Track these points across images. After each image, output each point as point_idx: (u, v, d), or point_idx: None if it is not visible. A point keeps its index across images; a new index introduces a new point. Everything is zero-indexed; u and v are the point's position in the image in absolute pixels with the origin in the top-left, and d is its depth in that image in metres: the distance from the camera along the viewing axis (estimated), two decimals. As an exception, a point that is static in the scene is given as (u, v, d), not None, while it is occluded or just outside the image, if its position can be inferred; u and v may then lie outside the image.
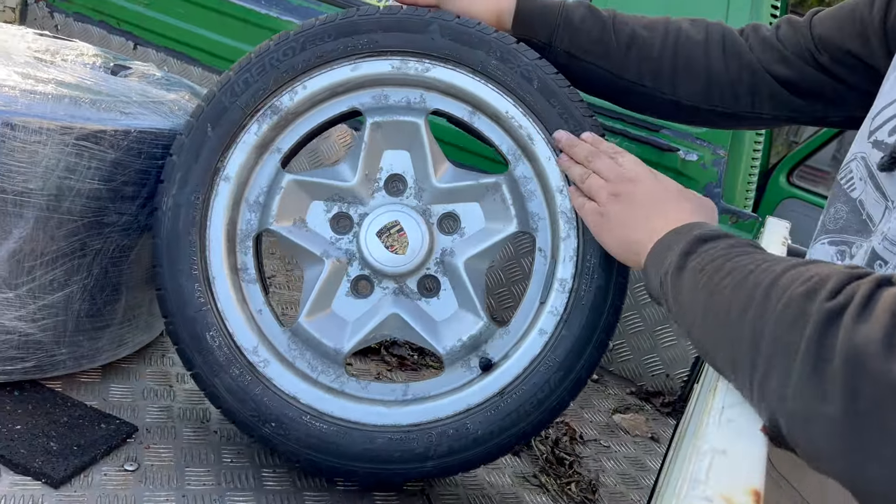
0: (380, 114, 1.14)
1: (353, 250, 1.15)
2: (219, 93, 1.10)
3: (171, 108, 1.27)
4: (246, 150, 1.12)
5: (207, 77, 2.01)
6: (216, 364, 1.09)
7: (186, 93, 1.36)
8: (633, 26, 1.10)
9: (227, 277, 1.11)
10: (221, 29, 1.99)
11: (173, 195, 1.09)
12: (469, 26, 1.10)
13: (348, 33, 1.11)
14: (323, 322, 1.14)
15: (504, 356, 1.14)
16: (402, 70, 1.12)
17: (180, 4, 2.04)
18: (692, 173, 1.74)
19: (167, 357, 1.41)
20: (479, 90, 1.12)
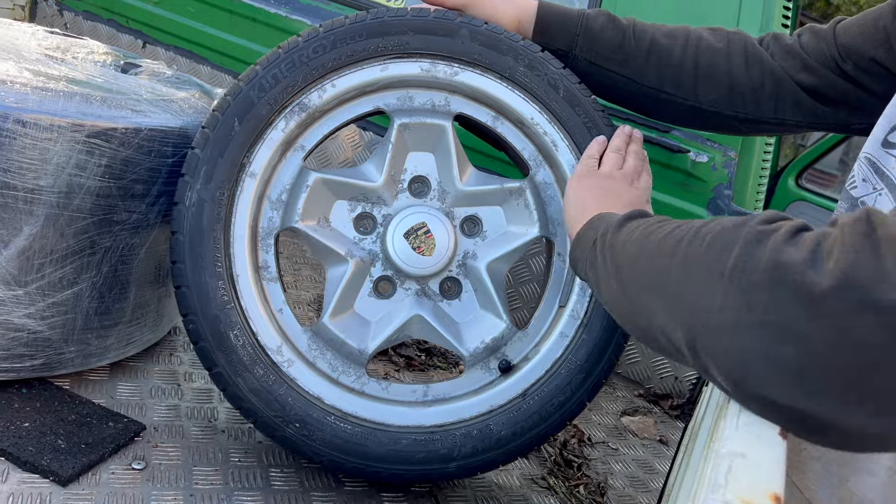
0: (407, 115, 1.14)
1: (376, 250, 1.15)
2: (246, 87, 1.08)
3: (182, 106, 1.24)
4: (272, 146, 1.10)
5: (216, 76, 1.97)
6: (240, 364, 1.07)
7: (196, 91, 1.34)
8: (653, 34, 1.12)
9: (251, 276, 1.10)
10: (230, 28, 1.96)
11: (197, 190, 1.07)
12: (498, 32, 1.12)
13: (379, 34, 1.10)
14: (347, 322, 1.13)
15: (524, 358, 1.16)
16: (430, 73, 1.13)
17: (190, 3, 1.99)
18: (702, 175, 1.74)
19: (175, 356, 1.38)
20: (505, 96, 1.14)
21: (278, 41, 1.91)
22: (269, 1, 1.92)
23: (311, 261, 1.96)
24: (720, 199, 1.74)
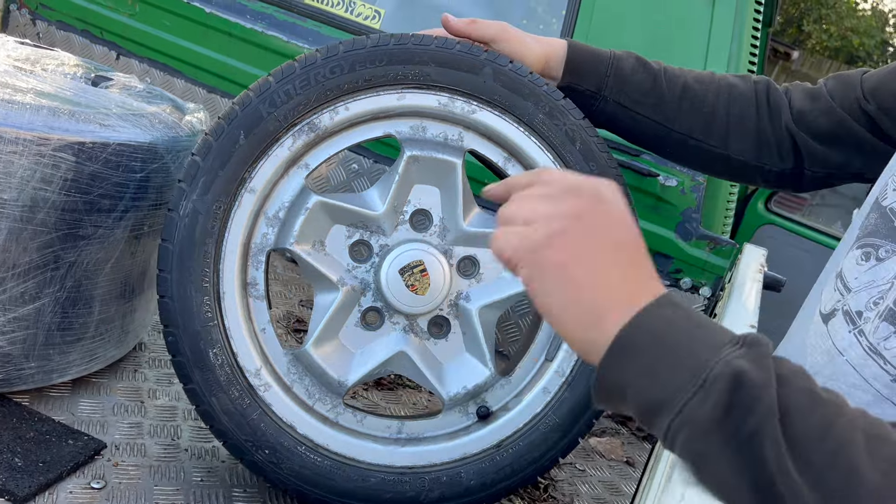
0: (418, 147, 1.11)
1: (368, 280, 1.12)
2: (256, 100, 1.04)
3: (152, 121, 1.21)
4: (276, 163, 1.06)
5: (190, 89, 1.94)
6: (216, 383, 1.04)
7: (168, 106, 1.31)
8: (685, 78, 1.10)
9: (237, 293, 1.07)
10: (205, 41, 1.94)
11: (193, 200, 1.03)
12: (522, 75, 1.08)
13: (400, 61, 1.06)
14: (329, 352, 1.11)
15: (503, 407, 1.15)
16: (447, 107, 1.09)
17: (166, 16, 1.95)
18: (672, 199, 1.77)
19: (140, 372, 1.35)
20: (520, 140, 1.11)
21: (254, 56, 1.92)
22: (246, 16, 1.89)
23: (283, 276, 1.93)
24: (688, 222, 1.78)
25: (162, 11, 1.96)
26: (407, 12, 2.11)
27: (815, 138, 1.05)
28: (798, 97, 1.08)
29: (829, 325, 0.79)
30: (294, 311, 1.74)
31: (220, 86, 1.94)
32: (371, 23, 1.91)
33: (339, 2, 1.94)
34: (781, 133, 1.08)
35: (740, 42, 1.71)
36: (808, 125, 1.06)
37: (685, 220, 1.76)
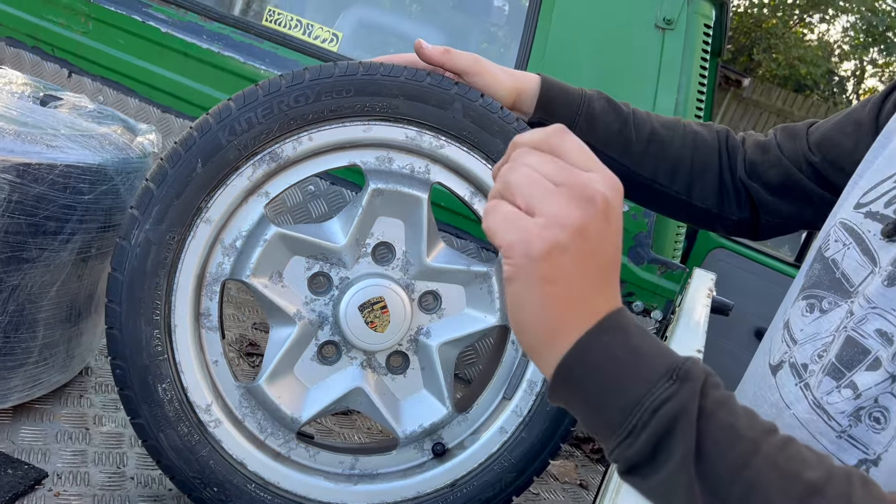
0: (383, 179, 1.08)
1: (327, 314, 1.09)
2: (216, 126, 1.00)
3: (101, 142, 1.17)
4: (234, 192, 1.03)
5: (144, 108, 1.89)
6: (164, 419, 1.01)
7: (119, 126, 1.26)
8: (652, 124, 1.10)
9: (189, 325, 1.03)
10: (161, 61, 1.89)
11: (146, 230, 0.99)
12: (492, 111, 1.06)
13: (368, 93, 1.03)
14: (283, 387, 1.08)
15: (459, 444, 1.14)
16: (415, 141, 1.07)
17: (121, 35, 1.89)
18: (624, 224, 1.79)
19: (85, 398, 1.30)
20: (488, 177, 1.09)
21: (210, 76, 1.88)
22: (202, 36, 1.85)
23: (236, 299, 1.88)
24: (640, 247, 1.81)
25: (116, 30, 1.90)
26: (365, 36, 2.09)
27: (767, 189, 1.06)
28: (750, 148, 1.09)
29: (777, 377, 0.80)
30: (247, 335, 1.70)
31: (174, 105, 1.89)
32: (329, 46, 1.89)
33: (297, 24, 1.91)
34: (738, 183, 1.09)
35: (689, 72, 1.73)
36: (759, 176, 1.07)
37: (637, 245, 1.78)
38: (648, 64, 1.76)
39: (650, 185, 1.10)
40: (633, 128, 1.09)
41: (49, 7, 1.97)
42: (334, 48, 1.91)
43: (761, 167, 1.07)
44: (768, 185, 1.07)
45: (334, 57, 1.85)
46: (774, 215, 1.09)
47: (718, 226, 1.13)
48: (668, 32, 1.76)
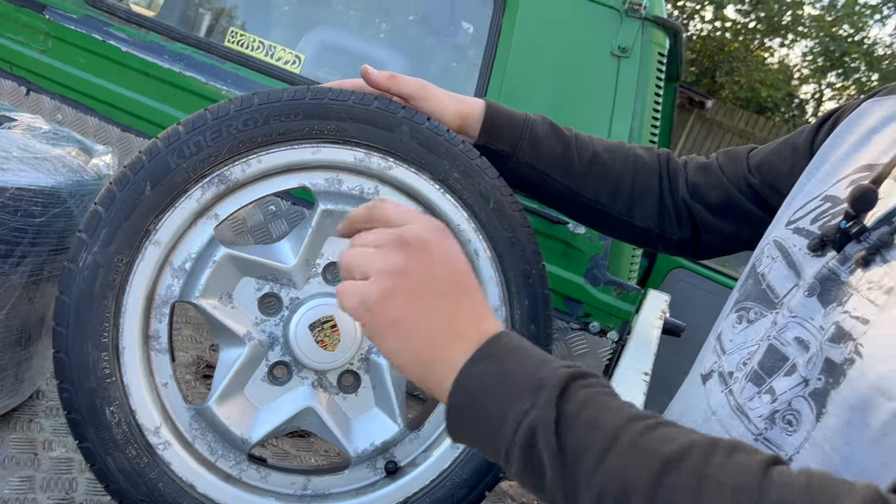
0: (332, 201, 1.10)
1: (277, 334, 1.10)
2: (164, 150, 1.01)
3: (55, 164, 1.17)
4: (183, 215, 1.04)
5: (104, 127, 1.88)
6: (112, 442, 1.00)
7: (74, 148, 1.26)
8: (594, 147, 1.14)
9: (138, 348, 1.03)
10: (121, 80, 1.88)
11: (94, 253, 0.99)
12: (439, 134, 1.09)
13: (316, 116, 1.06)
14: (234, 408, 1.08)
15: (411, 462, 1.15)
16: (363, 163, 1.09)
17: (81, 53, 1.88)
18: (581, 245, 1.82)
19: (35, 422, 1.29)
20: (435, 197, 1.12)
21: (170, 96, 1.88)
22: (164, 56, 1.85)
23: (194, 319, 1.88)
24: (597, 269, 1.84)
25: (76, 48, 1.89)
26: (327, 58, 2.11)
27: (708, 210, 1.10)
28: (692, 170, 1.13)
29: (706, 386, 0.82)
30: (204, 356, 1.69)
31: (134, 124, 1.89)
32: (291, 67, 1.91)
33: (260, 45, 1.93)
34: (679, 204, 1.12)
35: (644, 98, 1.78)
36: (701, 197, 1.11)
37: (594, 267, 1.81)
38: (604, 90, 1.80)
39: (593, 206, 1.14)
40: (576, 151, 1.12)
41: (7, 25, 1.96)
42: (297, 70, 1.93)
43: (703, 188, 1.11)
44: (710, 206, 1.11)
45: (297, 79, 1.86)
46: (715, 235, 1.13)
47: (660, 245, 1.17)
48: (624, 60, 1.81)
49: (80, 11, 1.89)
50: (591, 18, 1.80)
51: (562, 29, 1.83)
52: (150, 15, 2.08)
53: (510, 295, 1.13)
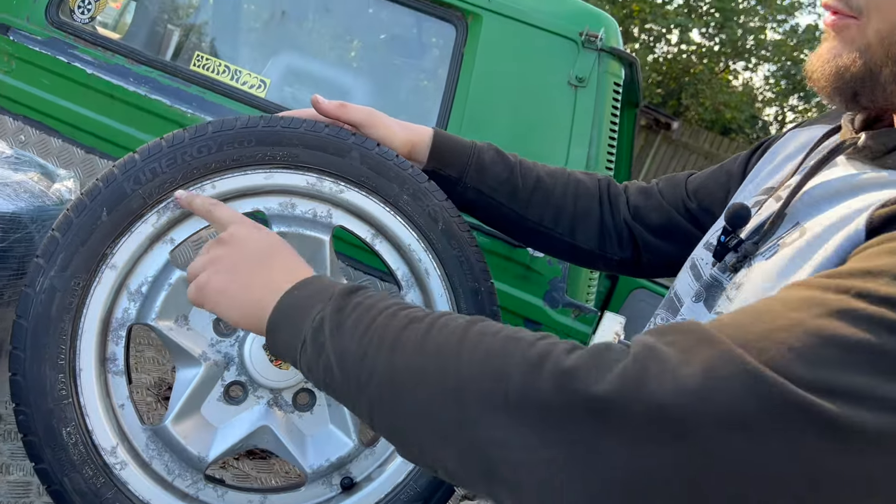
0: (286, 223, 1.14)
1: (232, 355, 1.13)
2: (121, 177, 1.05)
3: (16, 189, 1.20)
4: (139, 239, 1.07)
5: (67, 148, 1.89)
6: (68, 462, 1.02)
7: (35, 173, 1.29)
8: (537, 172, 1.19)
9: (95, 369, 1.06)
10: (85, 102, 1.90)
11: (51, 277, 1.02)
12: (388, 158, 1.14)
13: (269, 143, 1.10)
14: (190, 427, 1.11)
15: (367, 477, 1.18)
16: (315, 187, 1.13)
17: (45, 75, 1.90)
18: (540, 268, 1.86)
19: None
20: (386, 219, 1.16)
21: (135, 118, 1.91)
22: (129, 79, 1.88)
23: (156, 342, 1.90)
24: (555, 291, 1.88)
25: (40, 70, 1.91)
26: (292, 83, 2.15)
27: (649, 230, 1.16)
28: (633, 194, 1.19)
29: None
30: (166, 378, 1.71)
31: (98, 146, 1.90)
32: (257, 91, 1.94)
33: (225, 69, 1.96)
34: (620, 225, 1.18)
35: (600, 126, 1.85)
36: (642, 219, 1.16)
37: (552, 289, 1.86)
38: (562, 118, 1.87)
39: (537, 228, 1.19)
40: (520, 176, 1.17)
41: None
42: (262, 94, 1.96)
43: (644, 210, 1.17)
44: (650, 227, 1.17)
45: (262, 103, 1.90)
46: (655, 255, 1.18)
47: (601, 264, 1.22)
48: (581, 89, 1.88)
49: (44, 34, 1.91)
50: (549, 49, 1.87)
51: (522, 58, 1.89)
52: (115, 38, 2.10)
53: (460, 311, 1.17)
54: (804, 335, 0.49)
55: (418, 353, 0.61)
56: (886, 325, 0.48)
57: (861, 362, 0.48)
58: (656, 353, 0.51)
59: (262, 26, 2.33)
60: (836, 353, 0.48)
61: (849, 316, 0.49)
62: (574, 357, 0.54)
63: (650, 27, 12.73)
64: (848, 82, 0.66)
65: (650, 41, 13.18)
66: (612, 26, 1.88)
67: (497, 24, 1.87)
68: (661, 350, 0.51)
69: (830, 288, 0.52)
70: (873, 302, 0.49)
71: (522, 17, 1.84)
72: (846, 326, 0.49)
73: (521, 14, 1.84)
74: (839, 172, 0.70)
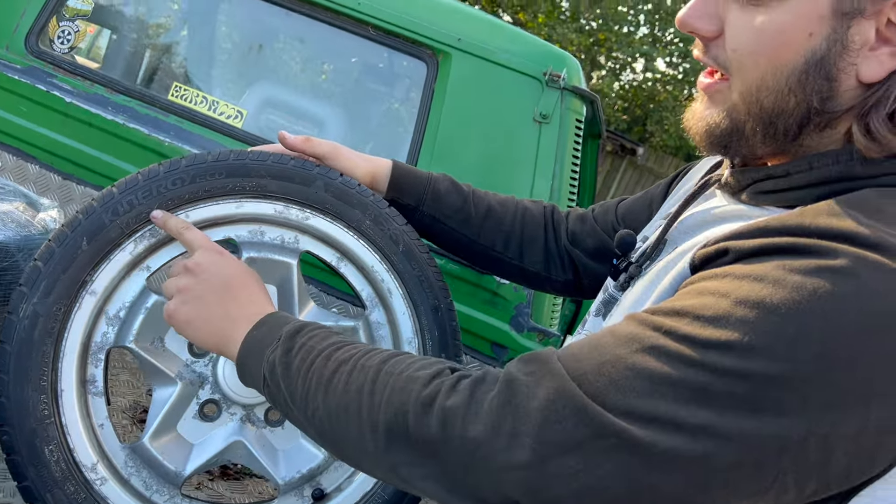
0: (255, 249, 1.22)
1: (206, 374, 1.20)
2: (100, 209, 1.13)
3: (4, 220, 1.26)
4: (117, 267, 1.14)
5: (44, 175, 1.94)
6: (51, 479, 1.08)
7: (21, 203, 1.35)
8: (488, 201, 1.29)
9: (75, 390, 1.12)
10: (63, 129, 1.94)
11: (34, 304, 1.09)
12: (350, 187, 1.22)
13: (238, 175, 1.18)
14: (167, 443, 1.17)
15: (337, 488, 1.24)
16: (283, 214, 1.21)
17: (23, 102, 1.96)
18: (506, 294, 1.93)
19: None
20: (350, 243, 1.24)
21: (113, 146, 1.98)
22: (108, 108, 1.94)
23: (131, 365, 1.95)
24: (521, 316, 1.96)
25: (18, 97, 1.95)
26: (269, 114, 2.23)
27: (586, 254, 1.25)
28: (572, 220, 1.28)
29: None
30: (141, 401, 1.76)
31: (76, 173, 1.94)
32: (234, 122, 2.01)
33: (203, 100, 2.03)
34: (562, 249, 1.27)
35: (563, 160, 1.96)
36: (579, 244, 1.26)
37: (518, 314, 1.94)
38: (527, 152, 1.97)
39: (488, 252, 1.28)
40: (473, 205, 1.27)
41: None
42: (239, 124, 2.02)
43: (580, 235, 1.27)
44: (587, 251, 1.26)
45: (239, 133, 1.97)
46: (592, 278, 1.27)
47: (548, 286, 1.31)
48: (544, 126, 1.98)
49: (24, 62, 1.97)
50: (515, 87, 1.97)
51: (489, 95, 1.99)
52: (94, 67, 2.16)
53: (421, 327, 1.25)
54: (623, 369, 0.60)
55: (344, 394, 0.75)
56: (684, 360, 0.58)
57: (663, 392, 0.58)
58: (514, 387, 0.64)
59: (240, 58, 2.42)
60: (645, 385, 0.59)
61: (656, 351, 0.59)
62: (455, 397, 0.67)
63: (616, 55, 13.06)
64: (718, 137, 0.75)
65: (616, 69, 13.50)
66: (573, 66, 2.00)
67: (466, 63, 1.98)
68: (519, 382, 0.64)
69: (648, 324, 0.62)
70: (676, 339, 0.59)
71: (490, 57, 1.95)
72: (653, 361, 0.59)
73: (488, 53, 1.95)
74: (712, 203, 0.80)
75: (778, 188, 0.71)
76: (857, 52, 0.65)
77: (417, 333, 1.24)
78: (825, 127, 0.69)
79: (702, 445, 0.56)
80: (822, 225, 0.58)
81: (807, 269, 0.55)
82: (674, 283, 0.70)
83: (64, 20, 2.08)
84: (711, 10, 0.72)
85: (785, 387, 0.54)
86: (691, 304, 0.60)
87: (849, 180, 0.66)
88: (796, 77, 0.67)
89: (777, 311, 0.55)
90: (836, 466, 0.56)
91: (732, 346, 0.56)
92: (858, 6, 0.64)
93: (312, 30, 2.19)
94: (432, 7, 2.02)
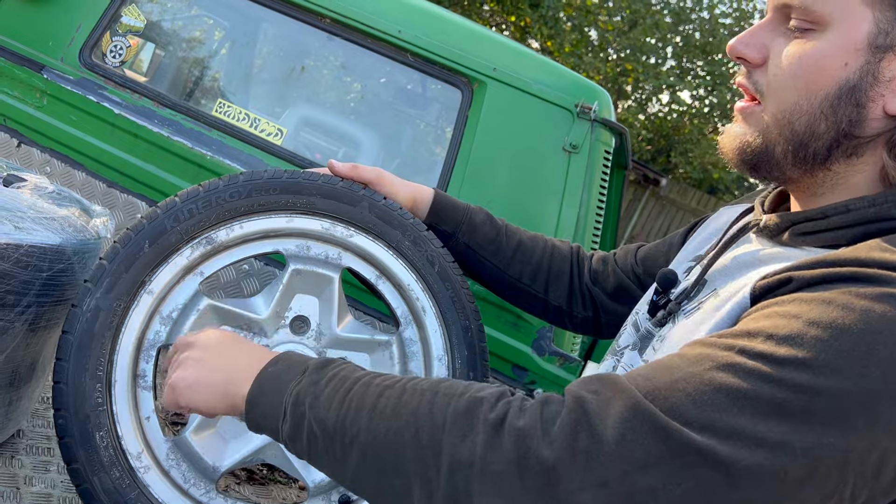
0: (301, 262, 1.30)
1: (248, 376, 1.27)
2: (163, 215, 1.21)
3: (62, 224, 1.33)
4: (174, 270, 1.23)
5: (90, 182, 2.02)
6: (99, 463, 1.16)
7: (76, 209, 1.43)
8: (520, 236, 1.36)
9: (127, 382, 1.20)
10: (110, 139, 2.04)
11: (97, 298, 1.17)
12: (393, 209, 1.30)
13: (291, 192, 1.27)
14: (207, 439, 1.24)
15: (361, 493, 1.31)
16: (329, 231, 1.29)
17: (74, 112, 2.05)
18: (530, 317, 1.98)
19: (16, 458, 1.41)
20: (390, 262, 1.32)
21: (157, 157, 2.08)
22: (154, 120, 2.03)
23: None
24: (543, 340, 2.01)
25: (70, 107, 2.05)
26: (307, 133, 2.32)
27: (605, 294, 1.31)
28: (595, 260, 1.35)
29: None
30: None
31: (120, 181, 2.03)
32: (274, 139, 2.10)
33: (245, 117, 2.12)
34: (584, 288, 1.34)
35: (590, 190, 2.02)
36: (599, 283, 1.32)
37: (540, 338, 2.00)
38: (555, 181, 2.03)
39: (515, 284, 1.34)
40: (505, 237, 1.34)
41: (5, 80, 2.09)
42: (279, 142, 2.10)
43: (601, 276, 1.33)
44: (606, 290, 1.32)
45: (278, 150, 2.06)
46: (612, 315, 1.33)
47: (567, 322, 1.37)
48: (574, 156, 2.05)
49: (77, 74, 2.07)
50: (547, 117, 2.04)
51: (521, 124, 2.07)
52: (143, 81, 2.26)
53: (451, 346, 1.32)
54: (700, 384, 0.61)
55: (394, 417, 0.70)
56: (761, 377, 0.60)
57: (742, 407, 0.60)
58: (585, 405, 0.63)
59: (282, 79, 2.52)
60: (724, 400, 0.60)
61: (732, 368, 0.61)
62: (525, 418, 0.65)
63: (643, 86, 13.12)
64: (749, 156, 0.81)
65: (643, 99, 13.56)
66: (605, 99, 2.08)
67: (500, 92, 2.06)
68: (586, 400, 0.64)
69: (719, 346, 0.64)
70: (751, 357, 0.61)
71: (523, 87, 2.03)
72: (730, 377, 0.61)
73: (522, 84, 2.03)
74: (750, 247, 0.85)
75: (817, 229, 0.77)
76: (887, 84, 0.72)
77: (448, 352, 1.32)
78: (851, 154, 0.76)
79: (780, 460, 0.58)
80: (878, 258, 0.64)
81: (872, 295, 0.61)
82: (732, 314, 0.74)
83: (117, 35, 2.19)
84: (759, 41, 0.80)
85: (857, 403, 0.58)
86: (762, 325, 0.64)
87: (883, 221, 0.73)
88: (829, 102, 0.74)
89: (849, 331, 0.59)
90: (884, 480, 0.61)
91: (808, 363, 0.59)
92: (891, 43, 0.72)
93: (353, 54, 2.29)
94: (469, 36, 2.11)
